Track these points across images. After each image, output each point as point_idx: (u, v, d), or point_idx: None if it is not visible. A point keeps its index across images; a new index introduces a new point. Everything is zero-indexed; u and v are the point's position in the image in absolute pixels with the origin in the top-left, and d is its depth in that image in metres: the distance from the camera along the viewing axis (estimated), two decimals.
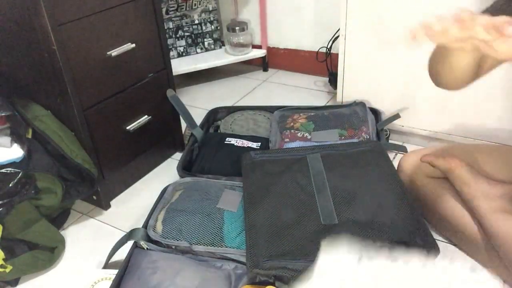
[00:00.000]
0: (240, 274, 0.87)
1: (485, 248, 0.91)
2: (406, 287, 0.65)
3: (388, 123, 1.29)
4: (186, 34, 1.91)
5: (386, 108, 1.36)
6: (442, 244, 1.03)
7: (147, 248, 0.92)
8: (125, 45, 1.14)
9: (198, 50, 1.96)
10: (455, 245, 1.02)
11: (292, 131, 1.26)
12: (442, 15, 0.53)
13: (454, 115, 1.26)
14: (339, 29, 1.32)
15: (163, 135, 1.38)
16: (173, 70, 1.37)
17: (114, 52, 1.11)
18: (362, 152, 1.07)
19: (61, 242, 1.08)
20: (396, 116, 1.28)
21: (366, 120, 1.25)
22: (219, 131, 1.37)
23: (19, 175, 1.01)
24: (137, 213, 1.20)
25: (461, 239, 0.99)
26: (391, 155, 1.34)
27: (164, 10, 1.82)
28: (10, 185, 1.00)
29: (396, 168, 1.06)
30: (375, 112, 1.34)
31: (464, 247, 1.00)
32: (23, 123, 1.05)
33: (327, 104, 1.68)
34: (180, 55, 1.93)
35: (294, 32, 1.91)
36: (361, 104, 1.33)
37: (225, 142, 1.25)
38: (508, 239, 0.85)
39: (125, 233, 0.97)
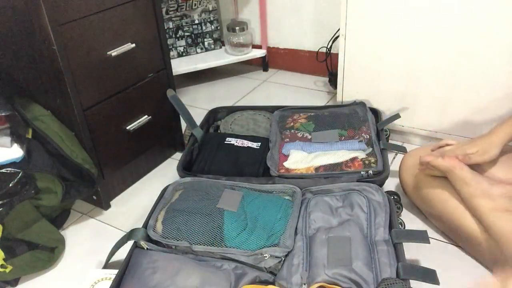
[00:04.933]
0: (240, 274, 0.87)
1: (486, 247, 0.91)
2: None
3: (388, 123, 1.28)
4: (186, 34, 1.91)
5: (386, 108, 1.36)
6: (442, 243, 1.03)
7: (147, 248, 0.92)
8: (125, 45, 1.14)
9: (198, 50, 1.96)
10: (456, 244, 1.02)
11: (292, 131, 1.26)
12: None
13: (454, 115, 1.26)
14: (339, 29, 1.32)
15: (163, 135, 1.38)
16: (173, 70, 1.37)
17: (114, 52, 1.11)
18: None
19: (61, 242, 1.08)
20: (396, 116, 1.28)
21: (366, 120, 1.25)
22: (219, 131, 1.37)
23: (19, 175, 1.01)
24: (137, 213, 1.20)
25: (462, 238, 0.99)
26: (391, 155, 1.34)
27: (164, 10, 1.82)
28: (10, 185, 1.00)
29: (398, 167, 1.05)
30: (375, 112, 1.34)
31: (465, 246, 1.00)
32: (23, 123, 1.05)
33: (327, 104, 1.68)
34: (180, 55, 1.93)
35: (294, 32, 1.91)
36: (361, 104, 1.33)
37: (225, 142, 1.25)
38: (510, 236, 0.85)
39: (125, 233, 0.97)
